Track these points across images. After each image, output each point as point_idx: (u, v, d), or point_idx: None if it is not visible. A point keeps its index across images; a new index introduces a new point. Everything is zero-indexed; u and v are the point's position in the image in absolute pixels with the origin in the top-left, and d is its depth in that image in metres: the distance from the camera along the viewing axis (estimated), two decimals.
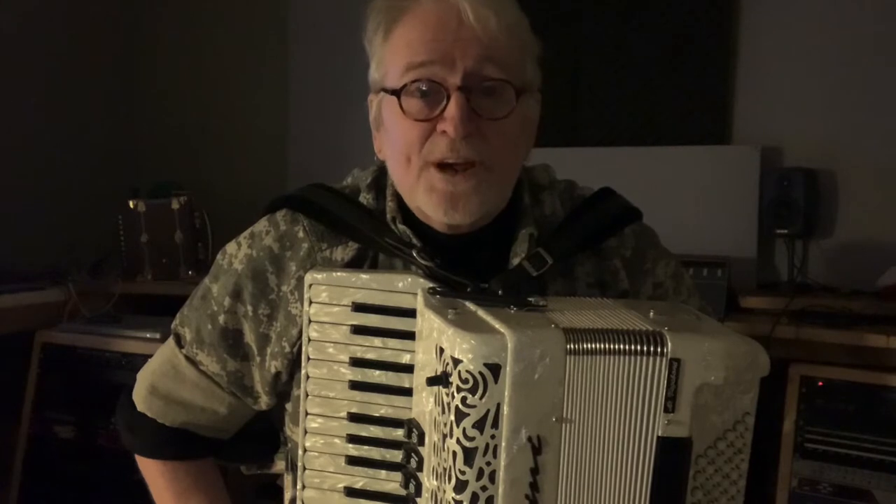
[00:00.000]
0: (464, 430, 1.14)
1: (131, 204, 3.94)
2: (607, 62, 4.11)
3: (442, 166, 1.42)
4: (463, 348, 1.14)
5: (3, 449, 3.59)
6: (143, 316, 3.72)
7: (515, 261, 1.49)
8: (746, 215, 3.75)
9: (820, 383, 3.05)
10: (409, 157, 1.45)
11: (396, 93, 1.43)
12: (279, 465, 1.80)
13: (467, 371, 1.13)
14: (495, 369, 1.13)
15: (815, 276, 3.72)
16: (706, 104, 3.93)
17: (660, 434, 1.18)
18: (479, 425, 1.14)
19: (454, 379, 1.14)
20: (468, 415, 1.14)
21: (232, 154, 4.72)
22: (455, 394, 1.14)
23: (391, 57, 1.47)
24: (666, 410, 1.17)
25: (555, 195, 1.62)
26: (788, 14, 3.79)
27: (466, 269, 1.43)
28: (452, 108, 1.39)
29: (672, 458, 1.19)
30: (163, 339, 3.16)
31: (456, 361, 1.14)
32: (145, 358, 3.24)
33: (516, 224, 1.54)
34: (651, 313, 1.26)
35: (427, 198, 1.45)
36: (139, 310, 3.84)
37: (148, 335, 3.45)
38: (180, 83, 4.74)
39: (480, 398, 1.13)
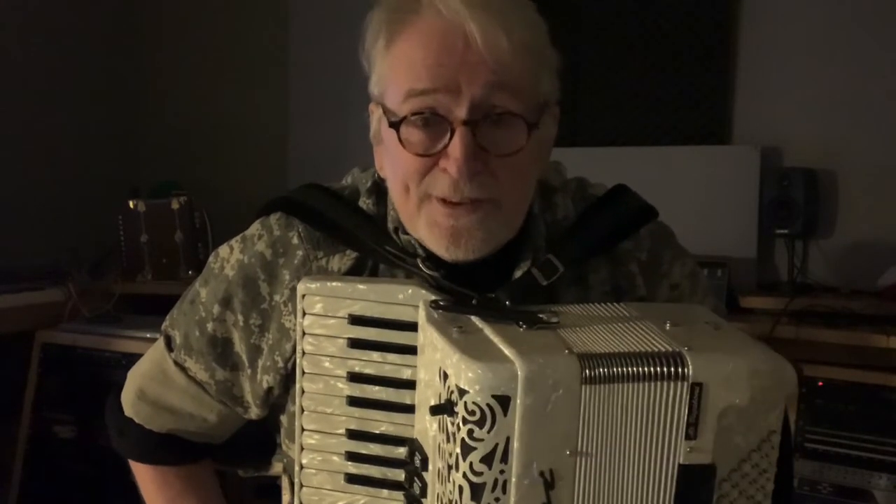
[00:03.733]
0: (471, 464, 1.05)
1: (131, 204, 3.91)
2: (607, 62, 4.09)
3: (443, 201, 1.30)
4: (469, 378, 1.04)
5: (3, 449, 3.57)
6: (143, 316, 3.67)
7: (518, 273, 1.37)
8: (746, 215, 3.73)
9: (820, 383, 3.01)
10: (407, 186, 1.32)
11: (395, 125, 1.30)
12: (277, 468, 1.70)
13: (474, 403, 1.04)
14: (504, 401, 1.04)
15: (815, 276, 3.71)
16: (706, 104, 3.92)
17: (681, 462, 1.09)
18: (487, 460, 1.05)
19: (460, 409, 1.05)
20: (475, 449, 1.05)
21: (232, 154, 4.71)
22: (461, 425, 1.05)
23: (391, 74, 1.32)
24: (688, 438, 1.08)
25: (567, 197, 1.49)
26: (788, 14, 3.77)
27: (470, 282, 1.30)
28: (456, 146, 1.25)
29: (694, 487, 1.10)
30: None
31: (462, 391, 1.04)
32: None
33: (525, 241, 1.41)
34: (668, 325, 1.16)
35: (428, 232, 1.32)
36: (139, 310, 3.80)
37: (148, 335, 3.37)
38: (180, 83, 4.74)
39: (488, 432, 1.04)
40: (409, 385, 1.27)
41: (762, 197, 3.69)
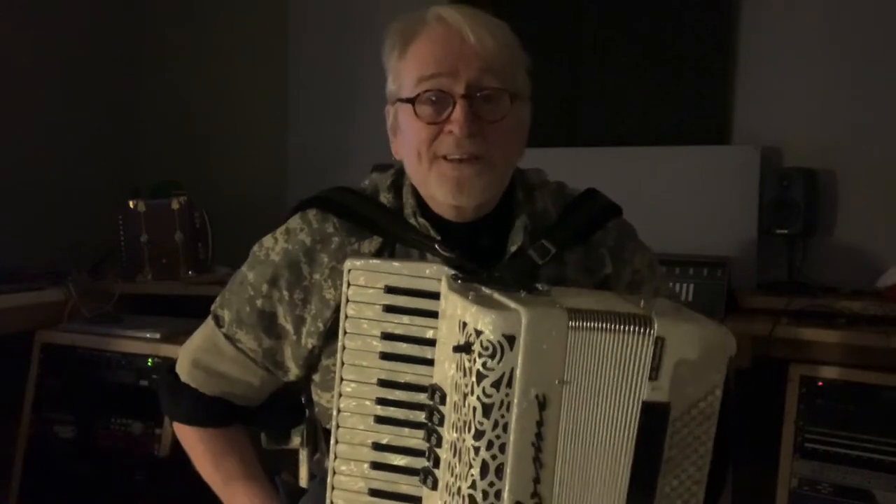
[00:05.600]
0: (483, 388, 1.45)
1: (131, 204, 4.07)
2: (607, 62, 4.22)
3: (449, 159, 1.78)
4: (485, 321, 1.44)
5: (3, 449, 3.68)
6: (143, 316, 3.85)
7: (513, 248, 1.85)
8: (746, 215, 3.88)
9: (820, 383, 3.19)
10: (420, 152, 1.80)
11: (411, 101, 1.78)
12: (295, 441, 2.18)
13: (488, 340, 1.43)
14: (511, 339, 1.43)
15: (815, 276, 3.84)
16: (706, 104, 4.05)
17: (644, 398, 1.48)
18: (496, 385, 1.44)
19: (476, 347, 1.44)
20: (487, 376, 1.44)
21: (232, 154, 4.84)
22: (477, 359, 1.45)
23: (406, 71, 1.83)
24: (650, 379, 1.47)
25: (545, 193, 1.98)
26: (788, 14, 3.94)
27: (471, 253, 1.78)
28: (458, 112, 1.74)
29: (653, 419, 1.48)
30: (163, 340, 3.49)
31: (478, 332, 1.44)
32: (145, 358, 3.55)
33: (511, 216, 1.90)
34: (641, 303, 1.56)
35: (438, 184, 1.79)
36: (139, 310, 3.97)
37: (148, 335, 3.59)
38: (181, 83, 4.83)
39: (498, 362, 1.44)
40: (431, 343, 1.69)
41: (762, 197, 3.85)
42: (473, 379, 1.45)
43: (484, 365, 1.44)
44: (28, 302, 3.66)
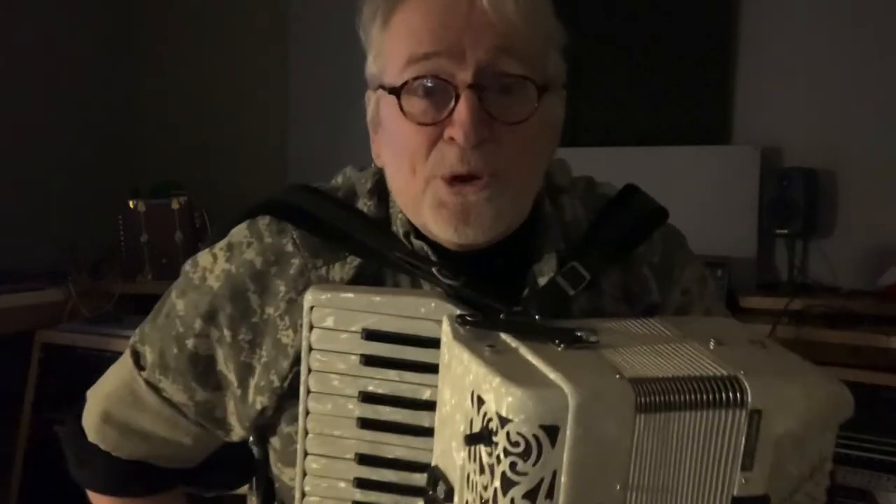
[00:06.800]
0: (512, 500, 0.91)
1: (131, 204, 3.86)
2: (607, 62, 4.06)
3: (451, 179, 1.17)
4: (513, 405, 0.90)
5: (3, 449, 3.49)
6: (143, 316, 3.45)
7: (542, 280, 1.23)
8: (746, 215, 3.73)
9: None
10: (413, 167, 1.19)
11: (396, 91, 1.18)
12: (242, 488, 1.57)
13: (518, 433, 0.90)
14: (553, 432, 0.90)
15: (815, 276, 3.71)
16: (706, 104, 3.91)
17: (735, 494, 0.98)
18: (531, 496, 0.91)
19: (500, 439, 0.91)
20: (518, 483, 0.91)
21: (232, 154, 4.67)
22: (502, 457, 0.91)
23: (391, 47, 1.21)
24: (744, 468, 0.97)
25: (575, 198, 1.37)
26: (788, 14, 3.77)
27: (480, 278, 1.18)
28: (462, 111, 1.14)
29: None
30: None
31: (503, 420, 0.91)
32: None
33: (540, 236, 1.29)
34: (711, 343, 1.04)
35: (435, 214, 1.19)
36: (139, 310, 3.62)
37: None
38: (181, 83, 4.67)
39: (534, 465, 0.90)
40: (429, 406, 1.14)
41: (762, 197, 3.69)
42: (497, 485, 0.91)
43: (512, 467, 0.90)
44: (28, 302, 3.48)
